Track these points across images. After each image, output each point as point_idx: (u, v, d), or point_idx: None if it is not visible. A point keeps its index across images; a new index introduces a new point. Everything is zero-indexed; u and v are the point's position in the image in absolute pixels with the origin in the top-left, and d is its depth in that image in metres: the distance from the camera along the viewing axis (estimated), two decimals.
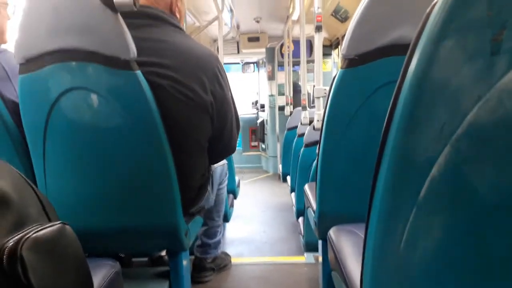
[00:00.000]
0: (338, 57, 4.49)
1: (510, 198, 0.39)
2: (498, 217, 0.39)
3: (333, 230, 1.00)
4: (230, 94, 1.24)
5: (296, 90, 4.60)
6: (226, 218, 1.99)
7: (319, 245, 1.41)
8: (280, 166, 3.81)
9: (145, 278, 1.25)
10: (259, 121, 5.59)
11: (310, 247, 1.86)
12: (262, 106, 5.64)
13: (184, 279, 1.22)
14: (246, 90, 6.48)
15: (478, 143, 0.40)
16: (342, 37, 4.16)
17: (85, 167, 1.06)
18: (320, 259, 1.42)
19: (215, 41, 4.70)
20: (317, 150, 1.27)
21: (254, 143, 5.75)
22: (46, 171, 1.06)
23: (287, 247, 2.33)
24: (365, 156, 1.03)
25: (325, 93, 1.77)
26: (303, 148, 2.09)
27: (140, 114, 0.99)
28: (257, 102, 5.98)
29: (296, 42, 4.13)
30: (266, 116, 5.32)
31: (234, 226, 2.75)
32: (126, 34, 0.94)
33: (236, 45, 5.04)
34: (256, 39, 4.91)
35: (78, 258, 0.63)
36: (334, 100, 1.11)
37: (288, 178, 2.98)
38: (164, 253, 1.38)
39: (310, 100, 3.95)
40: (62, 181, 1.08)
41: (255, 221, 2.98)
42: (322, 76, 1.84)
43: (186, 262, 1.24)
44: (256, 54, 5.36)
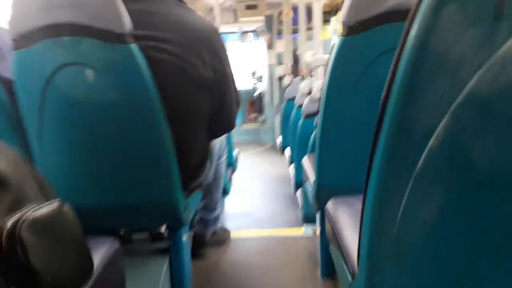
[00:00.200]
0: (338, 24, 4.39)
1: (509, 167, 0.38)
2: (497, 187, 0.39)
3: (330, 202, 1.00)
4: (230, 69, 1.21)
5: (296, 59, 4.52)
6: (226, 192, 2.00)
7: (317, 217, 1.42)
8: (279, 138, 3.80)
9: (145, 254, 1.26)
10: (257, 92, 5.53)
11: (309, 219, 1.88)
12: (261, 78, 5.56)
13: (184, 254, 1.24)
14: (244, 62, 6.37)
15: (478, 113, 0.39)
16: (342, 2, 4.05)
17: (82, 144, 1.06)
18: (318, 232, 1.44)
19: (211, 10, 4.58)
20: (315, 121, 1.26)
21: (253, 116, 5.71)
22: (43, 149, 1.06)
23: (286, 220, 2.34)
24: (364, 126, 1.02)
25: (325, 62, 1.74)
26: (302, 119, 2.07)
27: (136, 89, 0.98)
28: (255, 73, 5.88)
29: (295, 9, 4.02)
30: (265, 87, 5.25)
31: (233, 200, 2.77)
32: (120, 7, 0.91)
33: (233, 13, 4.90)
34: (254, 7, 4.76)
35: (77, 237, 0.63)
36: (334, 69, 1.08)
37: (287, 150, 2.98)
38: (163, 229, 1.40)
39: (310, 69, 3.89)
40: (59, 158, 1.07)
41: (254, 194, 2.99)
42: (322, 44, 1.79)
43: (185, 237, 1.26)
44: (254, 22, 5.23)
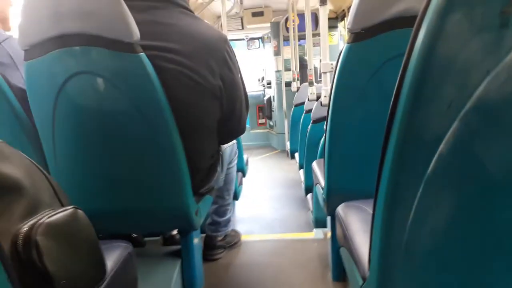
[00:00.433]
0: (345, 29, 4.39)
1: None
2: (507, 193, 0.39)
3: (341, 207, 1.01)
4: (239, 76, 1.22)
5: (302, 65, 4.53)
6: (236, 196, 2.01)
7: (328, 221, 1.42)
8: (288, 143, 3.80)
9: (157, 257, 1.28)
10: (266, 98, 5.55)
11: (319, 223, 1.88)
12: (269, 83, 5.58)
13: (195, 257, 1.25)
14: (252, 67, 6.40)
15: (487, 119, 0.39)
16: (348, 8, 4.06)
17: (94, 151, 1.07)
18: (329, 235, 1.44)
19: (219, 17, 4.62)
20: (324, 126, 1.26)
21: (261, 120, 5.73)
22: (57, 156, 1.08)
23: (297, 224, 2.35)
24: (373, 132, 1.02)
25: (332, 68, 1.74)
26: (311, 124, 2.08)
27: (146, 96, 0.99)
28: (263, 78, 5.91)
29: (301, 16, 4.04)
30: (272, 92, 5.27)
31: (243, 204, 2.78)
32: (128, 17, 0.93)
33: (240, 21, 4.94)
34: (260, 14, 4.80)
35: (91, 242, 0.64)
36: (341, 75, 1.09)
37: (296, 155, 2.98)
38: (176, 232, 1.40)
39: (317, 75, 3.90)
40: (72, 165, 1.09)
41: (264, 198, 3.00)
42: (328, 50, 1.80)
43: (197, 240, 1.27)
44: (261, 29, 5.27)
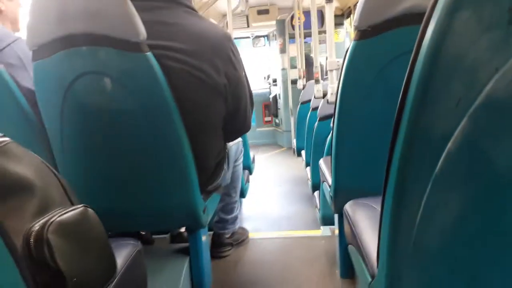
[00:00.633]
0: (351, 26, 4.37)
1: None
2: None
3: (349, 204, 1.01)
4: (244, 73, 1.23)
5: (308, 63, 4.52)
6: (243, 194, 2.01)
7: (335, 219, 1.42)
8: (294, 141, 3.80)
9: (165, 254, 1.29)
10: (272, 95, 5.54)
11: (326, 221, 1.88)
12: (274, 81, 5.57)
13: (203, 255, 1.26)
14: (257, 65, 6.39)
15: (496, 116, 0.39)
16: (354, 5, 4.04)
17: (102, 150, 1.08)
18: (336, 233, 1.44)
19: (224, 16, 4.61)
20: (331, 124, 1.26)
21: (267, 118, 5.72)
22: (65, 156, 1.09)
23: (304, 221, 2.35)
24: (379, 129, 1.02)
25: (338, 65, 1.74)
26: (317, 122, 2.08)
27: (153, 95, 1.00)
28: (269, 76, 5.91)
29: (307, 13, 4.02)
30: (278, 90, 5.27)
31: (250, 202, 2.78)
32: (135, 17, 0.94)
33: (245, 19, 4.94)
34: (265, 12, 4.79)
35: (101, 240, 0.65)
36: (348, 72, 1.09)
37: (302, 152, 2.98)
38: (184, 229, 1.41)
39: (323, 72, 3.88)
40: (80, 164, 1.11)
41: (271, 195, 3.01)
42: (334, 48, 1.80)
43: (205, 238, 1.28)
44: (266, 27, 5.26)
